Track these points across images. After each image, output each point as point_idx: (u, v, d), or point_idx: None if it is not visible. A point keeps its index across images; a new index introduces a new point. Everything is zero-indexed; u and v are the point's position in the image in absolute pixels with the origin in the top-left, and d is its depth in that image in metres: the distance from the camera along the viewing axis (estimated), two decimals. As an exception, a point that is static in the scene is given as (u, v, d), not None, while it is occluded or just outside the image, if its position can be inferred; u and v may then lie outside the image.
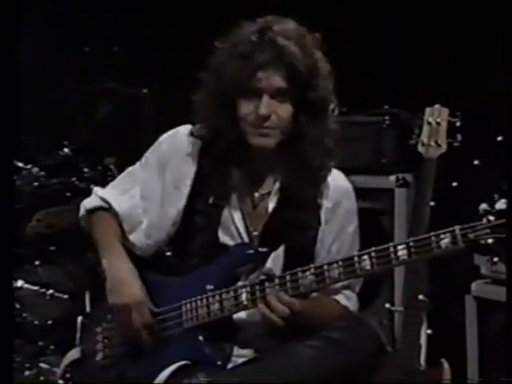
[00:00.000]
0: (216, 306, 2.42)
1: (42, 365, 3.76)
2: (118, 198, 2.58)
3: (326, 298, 2.54)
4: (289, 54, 2.41)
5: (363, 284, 2.61)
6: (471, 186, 3.45)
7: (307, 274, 2.36)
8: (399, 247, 2.29)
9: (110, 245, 2.52)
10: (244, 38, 2.46)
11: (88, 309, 2.61)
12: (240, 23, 2.49)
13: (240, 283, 2.44)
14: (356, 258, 2.32)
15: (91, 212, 2.60)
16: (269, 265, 2.49)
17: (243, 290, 2.40)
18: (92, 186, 4.03)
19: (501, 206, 2.21)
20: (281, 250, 2.51)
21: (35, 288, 3.98)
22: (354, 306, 2.59)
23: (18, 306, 3.91)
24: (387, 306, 3.59)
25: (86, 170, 4.29)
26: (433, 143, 2.95)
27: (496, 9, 3.51)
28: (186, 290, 2.46)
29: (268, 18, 2.49)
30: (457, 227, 2.24)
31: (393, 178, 3.76)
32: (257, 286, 2.38)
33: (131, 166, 2.68)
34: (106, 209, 2.59)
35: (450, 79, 3.94)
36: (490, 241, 2.21)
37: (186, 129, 2.58)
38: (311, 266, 2.36)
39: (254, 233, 2.52)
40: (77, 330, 2.60)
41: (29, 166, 4.16)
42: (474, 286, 3.35)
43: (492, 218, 2.21)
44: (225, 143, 2.48)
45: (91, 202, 2.61)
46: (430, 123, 2.97)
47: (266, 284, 2.37)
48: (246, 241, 2.51)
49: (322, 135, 2.49)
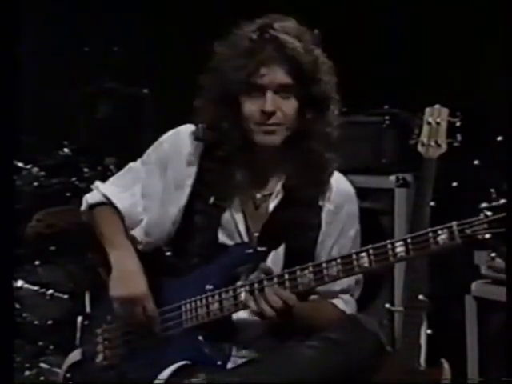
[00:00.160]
0: (215, 306, 2.42)
1: (42, 365, 3.76)
2: (120, 196, 2.58)
3: (324, 301, 2.54)
4: (291, 49, 2.40)
5: (363, 283, 2.61)
6: (471, 186, 3.45)
7: (306, 272, 2.35)
8: (397, 244, 2.29)
9: (117, 239, 2.53)
10: (244, 37, 2.45)
11: (88, 309, 2.61)
12: (239, 24, 2.49)
13: (239, 283, 2.45)
14: (354, 256, 2.32)
15: (93, 207, 2.61)
16: (270, 265, 2.48)
17: (242, 289, 2.40)
18: (92, 185, 4.04)
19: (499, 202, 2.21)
20: (281, 251, 2.51)
21: (35, 288, 3.98)
22: (351, 310, 2.58)
23: (18, 306, 3.91)
24: (387, 306, 3.59)
25: (85, 169, 4.29)
26: (433, 143, 2.95)
27: (496, 9, 3.51)
28: (186, 290, 2.46)
29: (267, 16, 2.49)
30: (454, 223, 2.24)
31: (393, 177, 3.75)
32: (255, 285, 2.38)
33: (131, 165, 2.69)
34: (108, 204, 2.59)
35: (450, 79, 3.95)
36: (488, 236, 2.21)
37: (188, 128, 2.57)
38: (309, 264, 2.36)
39: (255, 234, 2.52)
40: (77, 330, 2.61)
41: (29, 166, 4.16)
42: (473, 285, 3.35)
43: (489, 214, 2.21)
44: (228, 145, 2.47)
45: (93, 198, 2.61)
46: (429, 123, 2.98)
47: (265, 283, 2.37)
48: (246, 241, 2.51)
49: (326, 131, 2.48)
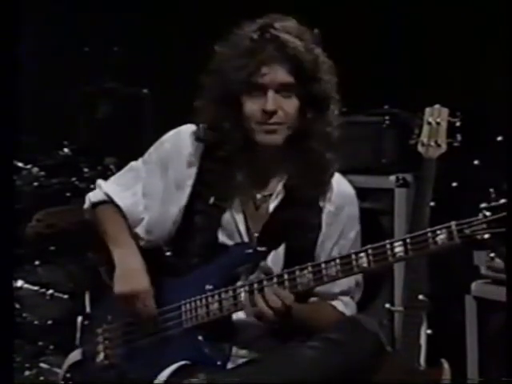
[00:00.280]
0: (215, 306, 2.42)
1: (42, 365, 3.76)
2: (121, 194, 2.59)
3: (323, 302, 2.54)
4: (291, 48, 2.41)
5: (363, 283, 2.61)
6: (471, 186, 3.45)
7: (305, 272, 2.35)
8: (396, 244, 2.29)
9: (121, 238, 2.54)
10: (245, 37, 2.45)
11: (88, 309, 2.62)
12: (240, 24, 2.49)
13: (239, 283, 2.44)
14: (353, 256, 2.32)
15: (96, 205, 2.61)
16: (269, 265, 2.49)
17: (242, 289, 2.40)
18: (92, 186, 4.04)
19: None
20: (281, 251, 2.51)
21: (35, 288, 3.98)
22: (351, 313, 2.58)
23: (18, 306, 3.91)
24: (387, 306, 3.59)
25: (85, 170, 4.29)
26: (433, 143, 2.95)
27: (496, 9, 3.51)
28: (186, 289, 2.46)
29: (268, 16, 2.49)
30: (453, 223, 2.24)
31: (393, 177, 3.75)
32: (255, 285, 2.38)
33: (131, 165, 2.69)
34: (110, 203, 2.59)
35: (450, 79, 3.94)
36: (487, 236, 2.21)
37: (188, 128, 2.57)
38: (309, 264, 2.35)
39: (255, 234, 2.52)
40: (77, 330, 2.61)
41: (29, 166, 4.16)
42: (473, 285, 3.34)
43: (488, 214, 2.21)
44: (229, 145, 2.47)
45: (96, 196, 2.62)
46: (429, 123, 2.98)
47: (265, 283, 2.37)
48: (246, 241, 2.51)
49: (327, 131, 2.48)
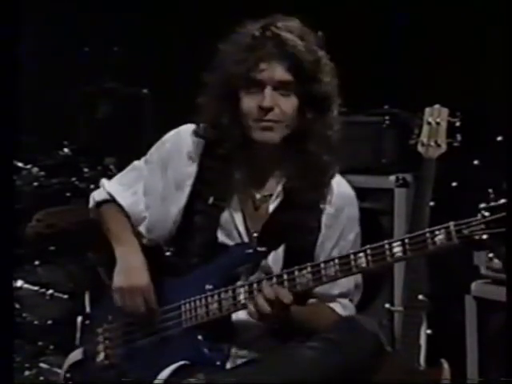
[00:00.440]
0: (215, 306, 2.42)
1: (42, 365, 3.76)
2: (123, 194, 2.61)
3: (322, 305, 2.54)
4: (291, 46, 2.41)
5: (363, 284, 2.61)
6: (471, 186, 3.45)
7: (304, 272, 2.35)
8: (394, 244, 2.28)
9: (123, 236, 2.55)
10: (247, 34, 2.46)
11: (88, 309, 2.62)
12: (243, 23, 2.50)
13: (239, 283, 2.44)
14: (352, 256, 2.32)
15: (100, 204, 2.63)
16: (270, 265, 2.49)
17: (241, 289, 2.40)
18: (92, 186, 4.04)
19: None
20: (281, 252, 2.51)
21: (35, 288, 3.98)
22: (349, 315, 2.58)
23: (17, 306, 3.91)
24: (387, 306, 3.59)
25: (85, 170, 4.29)
26: (432, 143, 2.95)
27: (496, 8, 3.51)
28: (186, 289, 2.46)
29: (272, 16, 2.49)
30: (451, 223, 2.24)
31: (393, 178, 3.75)
32: (254, 285, 2.38)
33: (131, 166, 2.70)
34: (113, 202, 2.61)
35: (450, 79, 3.94)
36: (485, 236, 2.20)
37: (189, 128, 2.58)
38: (308, 265, 2.35)
39: (255, 234, 2.52)
40: (77, 330, 2.61)
41: (29, 166, 4.16)
42: (473, 285, 3.34)
43: (487, 214, 2.20)
44: (229, 143, 2.47)
45: (100, 195, 2.64)
46: (429, 123, 2.98)
47: (264, 282, 2.37)
48: (246, 242, 2.51)
49: (327, 134, 2.48)
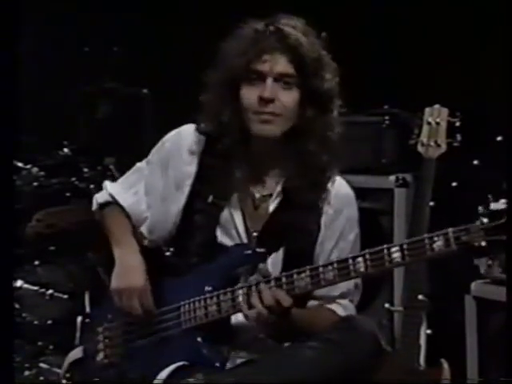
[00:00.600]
0: (213, 308, 2.42)
1: (42, 365, 3.75)
2: (124, 195, 2.61)
3: (322, 308, 2.54)
4: (294, 39, 2.42)
5: (363, 284, 2.61)
6: (471, 186, 3.45)
7: (303, 275, 2.34)
8: (393, 249, 2.27)
9: (123, 238, 2.56)
10: (249, 29, 2.47)
11: (88, 309, 2.62)
12: (246, 20, 2.50)
13: (239, 284, 2.44)
14: (350, 261, 2.31)
15: (103, 206, 2.64)
16: (269, 268, 2.48)
17: (240, 291, 2.39)
18: (92, 186, 4.05)
19: (496, 206, 2.19)
20: (280, 253, 2.50)
21: (35, 288, 3.98)
22: None
23: (17, 306, 3.90)
24: (387, 306, 3.59)
25: (85, 170, 4.28)
26: (432, 143, 2.95)
27: (496, 8, 3.51)
28: (185, 290, 2.46)
29: (276, 15, 2.49)
30: (450, 229, 2.22)
31: (392, 178, 3.75)
32: (253, 288, 2.38)
33: (131, 166, 2.70)
34: (115, 203, 2.62)
35: (450, 79, 3.94)
36: (484, 243, 2.19)
37: (189, 128, 2.58)
38: (307, 268, 2.35)
39: (254, 234, 2.52)
40: (76, 330, 2.61)
41: (29, 166, 4.16)
42: (473, 285, 3.34)
43: (486, 220, 2.19)
44: (228, 138, 2.47)
45: (102, 197, 2.65)
46: (429, 123, 2.98)
47: (262, 285, 2.36)
48: (245, 241, 2.51)
49: (327, 133, 2.48)
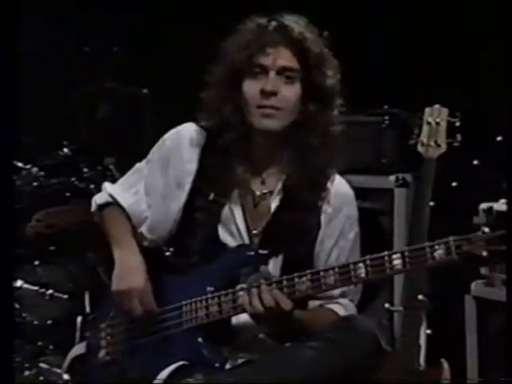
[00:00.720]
0: (215, 308, 2.42)
1: (42, 365, 3.75)
2: (124, 195, 2.61)
3: (323, 309, 2.54)
4: (299, 34, 2.44)
5: (363, 284, 2.61)
6: (471, 186, 3.45)
7: (303, 279, 2.34)
8: (394, 256, 2.27)
9: (123, 239, 2.55)
10: (253, 24, 2.48)
11: (88, 309, 2.62)
12: (250, 17, 2.51)
13: (241, 285, 2.44)
14: (351, 266, 2.31)
15: (102, 207, 2.63)
16: (269, 266, 2.48)
17: (241, 293, 2.39)
18: (92, 186, 4.04)
19: (498, 207, 2.19)
20: (281, 251, 2.50)
21: (35, 288, 3.98)
22: None
23: (17, 306, 3.90)
24: (387, 306, 3.59)
25: (85, 170, 4.28)
26: (432, 143, 2.95)
27: (496, 8, 3.51)
28: (187, 290, 2.46)
29: (279, 13, 2.50)
30: (451, 238, 2.22)
31: (392, 178, 3.75)
32: (254, 290, 2.36)
33: (131, 166, 2.70)
34: (115, 204, 2.61)
35: (450, 79, 3.94)
36: (485, 253, 2.18)
37: (189, 127, 2.58)
38: (308, 272, 2.35)
39: (254, 231, 2.52)
40: (76, 330, 2.61)
41: (29, 166, 4.15)
42: (473, 285, 3.35)
43: (487, 230, 2.19)
44: (229, 133, 2.48)
45: (101, 198, 2.64)
46: (429, 123, 2.97)
47: (263, 287, 2.35)
48: (246, 239, 2.51)
49: (328, 130, 2.48)
